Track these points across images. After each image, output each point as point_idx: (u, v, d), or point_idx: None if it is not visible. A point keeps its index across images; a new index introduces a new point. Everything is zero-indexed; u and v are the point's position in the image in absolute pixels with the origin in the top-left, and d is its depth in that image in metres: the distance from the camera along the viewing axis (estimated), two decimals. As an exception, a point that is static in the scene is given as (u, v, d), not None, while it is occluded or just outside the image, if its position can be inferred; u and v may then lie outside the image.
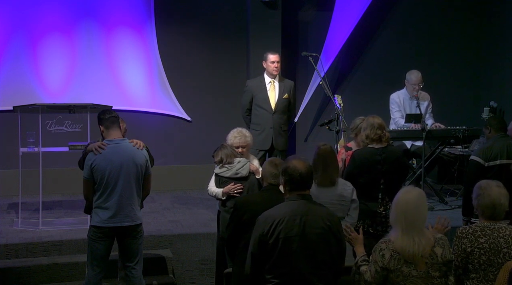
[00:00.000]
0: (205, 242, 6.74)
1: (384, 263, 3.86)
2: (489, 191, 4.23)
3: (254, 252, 3.91)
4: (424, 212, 3.92)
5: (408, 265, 3.85)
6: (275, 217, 3.88)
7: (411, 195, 3.90)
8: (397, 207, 3.90)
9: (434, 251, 3.88)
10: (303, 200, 3.95)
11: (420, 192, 3.96)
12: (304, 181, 3.97)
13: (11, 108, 7.04)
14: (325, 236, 3.89)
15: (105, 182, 5.10)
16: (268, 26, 8.84)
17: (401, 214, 3.86)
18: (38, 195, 6.81)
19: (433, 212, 7.56)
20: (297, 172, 3.94)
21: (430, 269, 3.87)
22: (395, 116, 8.00)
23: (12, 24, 8.30)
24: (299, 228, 3.85)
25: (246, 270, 3.98)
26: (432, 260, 3.87)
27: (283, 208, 3.94)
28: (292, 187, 3.97)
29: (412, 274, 3.85)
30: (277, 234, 3.84)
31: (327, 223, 3.91)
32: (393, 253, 3.86)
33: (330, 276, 3.93)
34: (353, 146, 6.09)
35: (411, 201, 3.87)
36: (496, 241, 4.18)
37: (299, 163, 3.98)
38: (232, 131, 6.03)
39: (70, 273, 6.21)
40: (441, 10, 9.77)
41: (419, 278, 3.85)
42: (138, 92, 8.77)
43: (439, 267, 3.88)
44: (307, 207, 3.92)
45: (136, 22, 8.71)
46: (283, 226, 3.84)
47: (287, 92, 7.51)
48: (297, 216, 3.88)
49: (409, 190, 3.96)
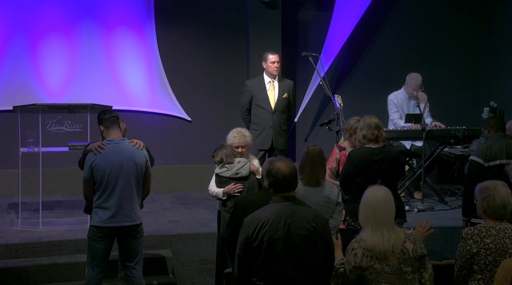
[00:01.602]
0: (205, 242, 6.74)
1: (356, 261, 3.89)
2: (498, 192, 4.24)
3: (240, 255, 3.93)
4: (392, 209, 3.98)
5: (380, 261, 3.89)
6: (259, 219, 3.89)
7: (379, 193, 3.98)
8: (366, 205, 3.97)
9: (405, 246, 3.92)
10: (287, 202, 3.96)
11: (387, 190, 4.03)
12: (288, 183, 3.98)
13: (11, 108, 7.04)
14: (310, 238, 3.90)
15: (105, 182, 5.10)
16: (268, 26, 8.84)
17: (370, 212, 3.92)
18: (38, 195, 6.80)
19: (433, 212, 7.57)
20: (281, 174, 3.96)
21: (402, 265, 3.90)
22: (393, 117, 8.00)
23: (12, 24, 8.30)
24: (283, 230, 3.86)
25: (234, 273, 4.00)
26: (404, 255, 3.91)
27: (268, 210, 3.95)
28: (277, 189, 3.99)
29: (384, 270, 3.88)
30: (261, 236, 3.84)
31: (313, 224, 3.92)
32: (364, 251, 3.90)
33: (318, 278, 3.94)
34: (347, 146, 6.10)
35: (379, 199, 3.95)
36: (502, 242, 4.17)
37: (282, 165, 4.00)
38: (232, 131, 6.03)
39: (70, 273, 6.20)
40: (441, 10, 9.78)
41: (392, 274, 3.89)
42: (138, 92, 8.78)
43: (411, 262, 3.92)
44: (292, 209, 3.94)
45: (136, 22, 8.71)
46: (267, 229, 3.85)
47: (286, 92, 7.52)
48: (282, 218, 3.89)
49: (376, 188, 4.04)
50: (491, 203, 4.23)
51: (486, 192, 4.27)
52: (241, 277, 3.94)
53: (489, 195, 4.25)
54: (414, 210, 7.52)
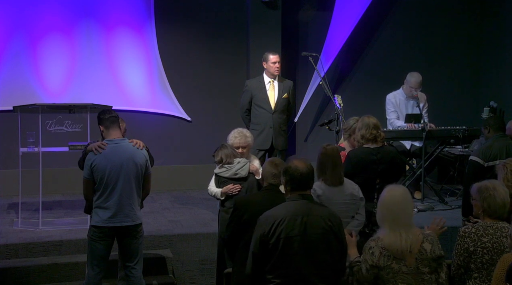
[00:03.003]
0: (205, 242, 6.74)
1: (374, 260, 3.89)
2: (498, 191, 4.25)
3: (255, 252, 3.92)
4: (410, 208, 3.98)
5: (397, 261, 3.88)
6: (276, 217, 3.89)
7: (396, 193, 3.96)
8: (383, 205, 3.96)
9: (423, 246, 3.92)
10: (304, 200, 3.96)
11: (405, 189, 4.04)
12: (305, 181, 3.99)
13: (11, 108, 7.03)
14: (326, 236, 3.91)
15: (105, 182, 5.10)
16: (268, 26, 8.84)
17: (388, 212, 3.92)
18: (38, 195, 6.80)
19: (433, 212, 7.57)
20: (298, 172, 3.96)
21: (420, 265, 3.90)
22: (390, 116, 8.00)
23: (12, 24, 8.30)
24: (300, 228, 3.87)
25: (247, 270, 3.98)
26: (422, 255, 3.90)
27: (284, 208, 3.95)
28: (293, 187, 3.99)
29: (402, 270, 3.88)
30: (278, 234, 3.85)
31: (328, 223, 3.92)
32: (382, 250, 3.89)
33: (331, 276, 3.94)
34: (346, 146, 6.09)
35: (396, 198, 3.93)
36: (499, 241, 4.18)
37: (300, 163, 4.00)
38: (233, 131, 6.03)
39: (70, 273, 6.20)
40: (441, 10, 9.77)
41: (409, 274, 3.88)
42: (138, 92, 8.78)
43: (429, 263, 3.92)
44: (308, 207, 3.94)
45: (136, 22, 8.71)
46: (284, 226, 3.85)
47: (286, 92, 7.52)
48: (298, 216, 3.89)
49: (394, 188, 4.03)
50: (492, 203, 4.24)
51: (487, 192, 4.27)
52: (254, 275, 3.94)
53: (490, 195, 4.25)
54: (414, 210, 7.50)
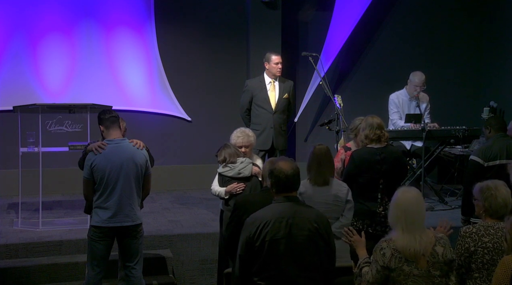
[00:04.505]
0: (205, 242, 6.74)
1: (385, 262, 3.87)
2: (500, 191, 4.24)
3: (241, 255, 3.92)
4: (423, 210, 3.95)
5: (409, 263, 3.86)
6: (262, 219, 3.88)
7: (410, 194, 3.94)
8: (397, 206, 3.93)
9: (435, 249, 3.90)
10: (289, 202, 3.95)
11: (418, 191, 4.01)
12: (290, 183, 3.96)
13: (11, 108, 7.04)
14: (312, 238, 3.89)
15: (105, 182, 5.10)
16: (268, 26, 8.84)
17: (401, 213, 3.89)
18: (38, 195, 6.81)
19: (433, 212, 7.57)
20: (283, 173, 3.94)
21: (431, 268, 3.88)
22: (393, 117, 8.00)
23: (12, 24, 8.30)
24: (285, 230, 3.86)
25: (236, 273, 3.99)
26: (433, 259, 3.88)
27: (269, 210, 3.94)
28: (279, 189, 3.98)
29: (413, 272, 3.86)
30: (263, 236, 3.84)
31: (314, 225, 3.91)
32: (394, 251, 3.87)
33: (319, 278, 3.94)
34: (352, 147, 6.10)
35: (410, 200, 3.91)
36: (499, 241, 4.17)
37: (285, 165, 3.98)
38: (236, 131, 6.03)
39: (70, 273, 6.21)
40: (441, 10, 9.78)
41: (420, 277, 3.86)
42: (138, 92, 8.78)
43: (440, 266, 3.90)
44: (294, 209, 3.92)
45: (136, 22, 8.71)
46: (270, 229, 3.84)
47: (287, 92, 7.52)
48: (284, 218, 3.88)
49: (408, 189, 4.00)
50: (493, 202, 4.23)
51: (488, 192, 4.26)
52: (242, 277, 3.94)
53: (491, 194, 4.25)
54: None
